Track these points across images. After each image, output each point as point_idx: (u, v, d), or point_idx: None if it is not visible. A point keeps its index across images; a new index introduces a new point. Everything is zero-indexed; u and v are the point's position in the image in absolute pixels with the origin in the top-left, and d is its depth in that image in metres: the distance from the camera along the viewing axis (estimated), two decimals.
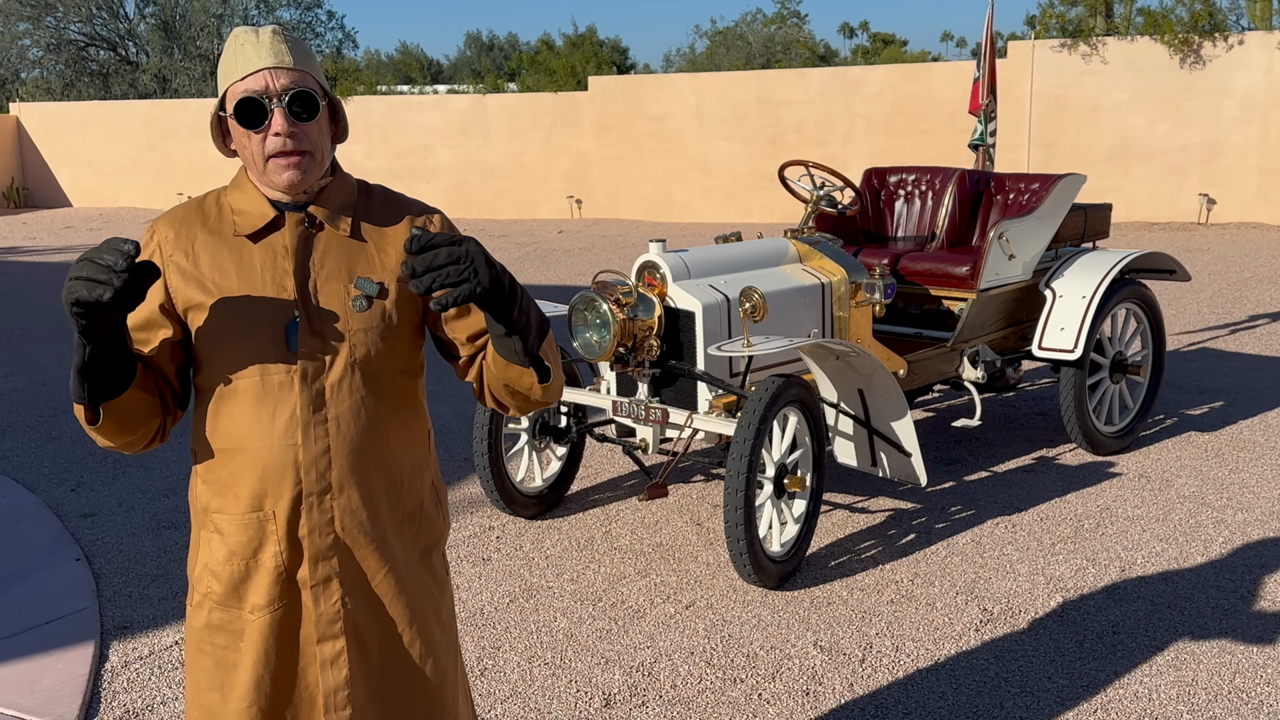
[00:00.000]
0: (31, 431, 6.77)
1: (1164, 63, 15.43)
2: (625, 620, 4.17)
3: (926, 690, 3.64)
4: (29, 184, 22.77)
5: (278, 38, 1.93)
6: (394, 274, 2.00)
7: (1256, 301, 10.12)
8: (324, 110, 1.96)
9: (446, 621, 2.14)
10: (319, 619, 1.99)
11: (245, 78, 1.90)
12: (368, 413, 1.97)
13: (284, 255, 1.96)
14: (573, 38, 26.91)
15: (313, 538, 1.96)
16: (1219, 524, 4.96)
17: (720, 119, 17.77)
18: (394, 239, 2.03)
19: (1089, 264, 5.90)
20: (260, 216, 1.97)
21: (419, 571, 2.08)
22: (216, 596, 2.00)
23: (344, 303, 1.96)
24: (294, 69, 1.91)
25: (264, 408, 1.93)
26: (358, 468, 1.97)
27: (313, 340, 1.94)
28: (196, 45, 27.96)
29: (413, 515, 2.07)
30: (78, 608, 4.29)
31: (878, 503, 5.29)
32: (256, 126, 1.90)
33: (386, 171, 19.70)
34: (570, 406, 5.23)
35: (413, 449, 2.07)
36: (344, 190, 2.03)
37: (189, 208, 2.02)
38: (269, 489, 1.94)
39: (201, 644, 2.02)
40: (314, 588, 1.98)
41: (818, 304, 5.10)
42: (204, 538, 2.02)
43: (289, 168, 1.91)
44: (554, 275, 12.78)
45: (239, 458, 1.95)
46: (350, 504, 1.97)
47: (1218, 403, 6.84)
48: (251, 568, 1.97)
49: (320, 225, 1.99)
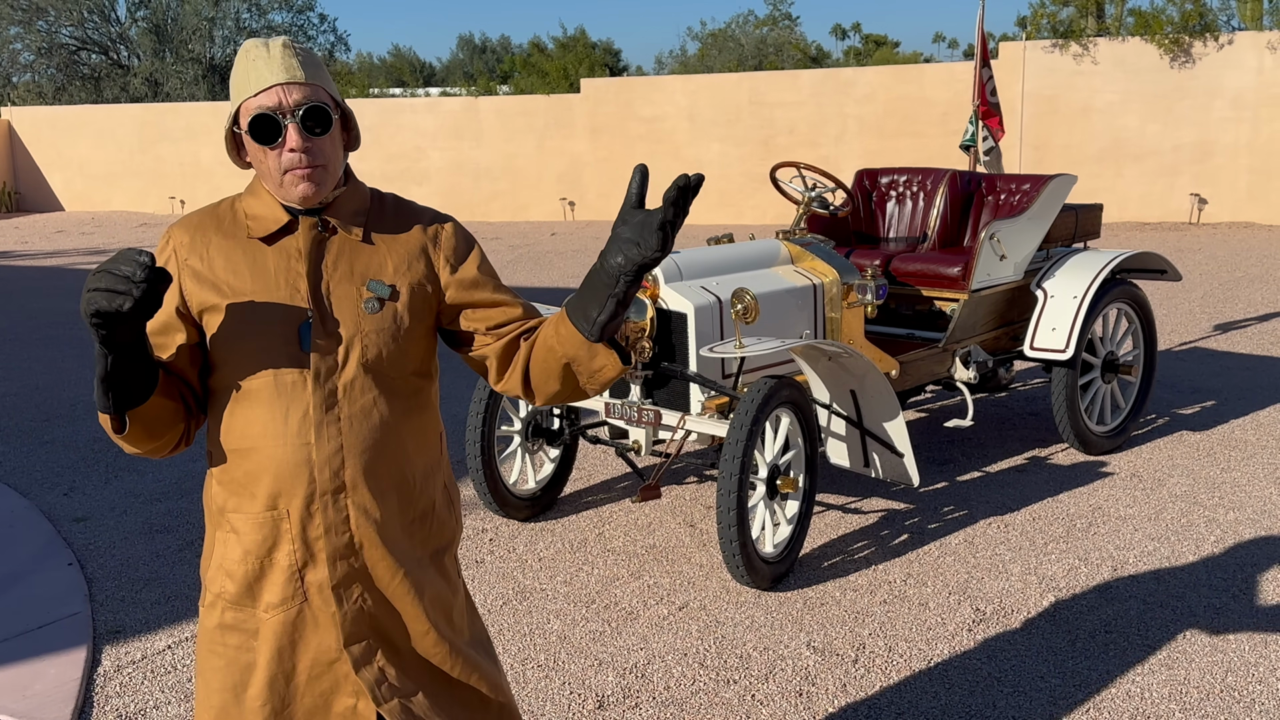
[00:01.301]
0: (24, 436, 6.76)
1: (1155, 63, 15.47)
2: (618, 622, 4.17)
3: (919, 690, 3.65)
4: (20, 188, 22.71)
5: (289, 51, 1.95)
6: (406, 278, 2.03)
7: (1248, 301, 10.14)
8: (336, 122, 1.98)
9: (458, 623, 2.16)
10: (344, 619, 2.01)
11: (259, 93, 1.92)
12: (379, 413, 2.00)
13: (298, 258, 1.99)
14: (563, 40, 26.89)
15: (329, 537, 1.99)
16: (1211, 523, 4.97)
17: (712, 121, 17.79)
18: (405, 244, 2.06)
19: (1080, 264, 5.91)
20: (274, 220, 2.00)
21: (431, 573, 2.10)
22: (230, 596, 2.02)
23: (356, 305, 1.99)
24: (306, 83, 1.94)
25: (277, 408, 1.95)
26: (370, 467, 1.99)
27: (325, 341, 1.97)
28: (188, 49, 27.91)
29: (425, 516, 2.09)
30: (70, 612, 4.28)
31: (870, 503, 5.30)
32: (271, 142, 1.92)
33: (379, 174, 19.69)
34: (563, 409, 5.24)
35: (425, 450, 2.09)
36: (357, 198, 2.06)
37: (205, 213, 2.06)
38: (283, 488, 1.96)
39: (214, 644, 2.04)
40: (335, 588, 2.00)
41: (810, 305, 5.11)
42: (220, 538, 2.04)
43: (304, 180, 1.94)
44: (547, 277, 12.78)
45: (253, 457, 1.97)
46: (363, 503, 1.99)
47: (1209, 402, 6.86)
48: (266, 567, 1.99)
49: (333, 229, 2.02)
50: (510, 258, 14.48)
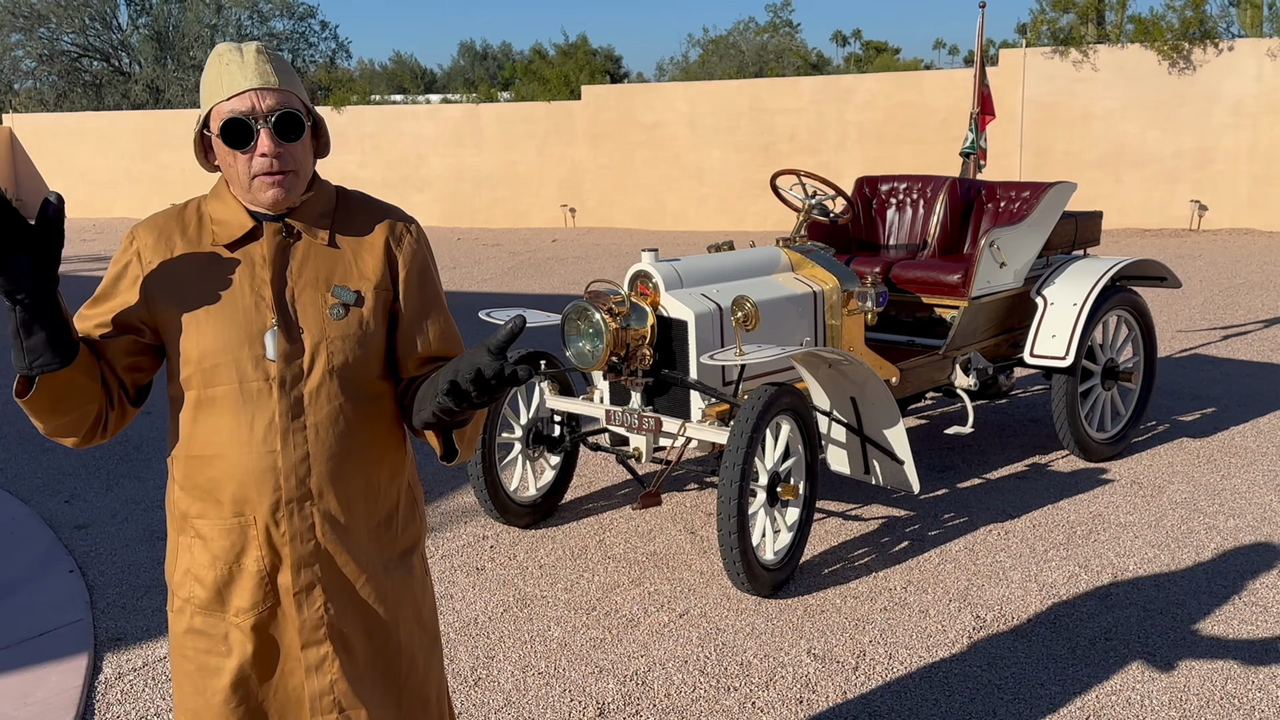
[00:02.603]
0: (25, 443, 6.76)
1: (1155, 70, 15.49)
2: (619, 629, 4.17)
3: (920, 697, 3.65)
4: (22, 195, 22.74)
5: (262, 57, 1.95)
6: (371, 281, 2.03)
7: (1248, 307, 10.15)
8: (308, 129, 1.98)
9: (428, 621, 2.17)
10: (303, 625, 2.01)
11: (231, 98, 1.92)
12: (345, 419, 1.99)
13: (262, 265, 1.98)
14: (564, 47, 26.91)
15: (294, 544, 1.98)
16: (1211, 530, 4.97)
17: (713, 127, 17.81)
18: (371, 245, 2.06)
19: (1080, 271, 5.92)
20: (239, 226, 1.99)
21: (399, 574, 2.10)
22: (199, 601, 2.01)
23: (321, 311, 1.99)
24: (279, 89, 1.93)
25: (243, 415, 1.95)
26: (336, 474, 1.99)
27: (290, 348, 1.96)
28: (190, 56, 27.97)
29: (389, 518, 2.09)
30: (71, 619, 4.29)
31: (871, 510, 5.30)
32: (243, 147, 1.92)
33: (380, 181, 19.71)
34: (564, 416, 5.24)
35: (390, 454, 2.09)
36: (322, 199, 2.06)
37: (169, 215, 2.04)
38: (249, 495, 1.96)
39: (184, 649, 2.04)
40: (297, 595, 2.00)
41: (810, 312, 5.11)
42: (183, 543, 2.03)
43: (274, 186, 1.94)
44: (547, 284, 12.79)
45: (218, 464, 1.96)
46: (329, 510, 1.99)
47: (1209, 409, 6.86)
48: (235, 572, 1.99)
49: (298, 235, 2.02)
50: (511, 264, 14.49)
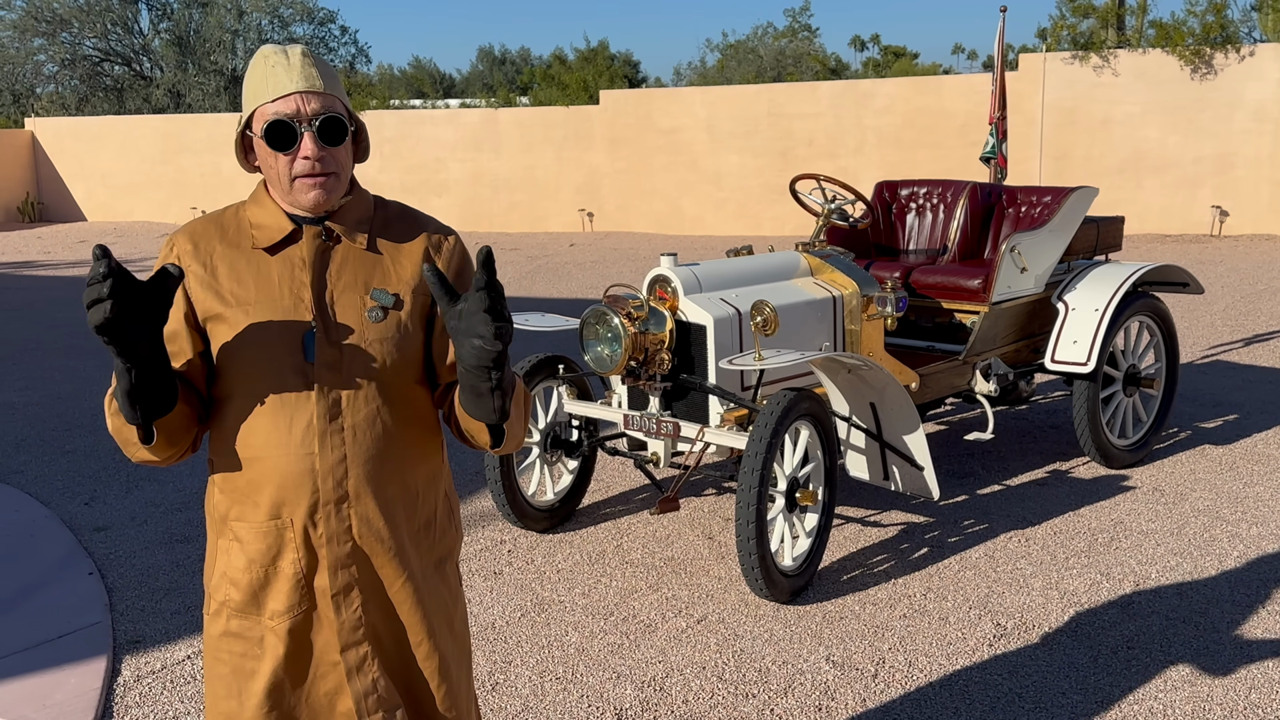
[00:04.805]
0: (45, 446, 6.79)
1: (1176, 75, 15.41)
2: (637, 635, 4.16)
3: (939, 705, 3.63)
4: (44, 199, 22.90)
5: (308, 61, 1.97)
6: (409, 286, 2.04)
7: (1270, 314, 10.07)
8: (349, 134, 1.99)
9: (459, 632, 2.17)
10: (341, 627, 2.02)
11: (276, 100, 1.94)
12: (383, 422, 2.00)
13: (301, 267, 1.99)
14: (585, 52, 26.97)
15: (331, 546, 1.99)
16: (1233, 538, 4.93)
17: (731, 132, 17.80)
18: (409, 253, 2.07)
19: (1101, 277, 5.89)
20: (278, 230, 2.00)
21: (434, 581, 2.11)
22: (235, 604, 2.02)
23: (360, 314, 1.99)
24: (324, 93, 1.95)
25: (281, 417, 1.96)
26: (374, 476, 1.99)
27: (329, 350, 1.97)
28: (211, 60, 28.11)
29: (427, 525, 2.10)
30: (90, 622, 4.30)
31: (890, 516, 5.28)
32: (286, 149, 1.93)
33: (399, 185, 19.77)
34: (582, 420, 5.24)
35: (427, 459, 2.09)
36: (361, 205, 2.07)
37: (208, 221, 2.05)
38: (287, 497, 1.97)
39: (219, 652, 2.05)
40: (335, 596, 2.01)
41: (829, 317, 5.10)
42: (222, 546, 2.04)
43: (315, 188, 1.95)
44: (565, 289, 12.80)
45: (257, 466, 1.97)
46: (367, 512, 2.00)
47: (1232, 416, 6.81)
48: (271, 575, 2.00)
49: (337, 238, 2.03)
50: (529, 269, 14.51)
